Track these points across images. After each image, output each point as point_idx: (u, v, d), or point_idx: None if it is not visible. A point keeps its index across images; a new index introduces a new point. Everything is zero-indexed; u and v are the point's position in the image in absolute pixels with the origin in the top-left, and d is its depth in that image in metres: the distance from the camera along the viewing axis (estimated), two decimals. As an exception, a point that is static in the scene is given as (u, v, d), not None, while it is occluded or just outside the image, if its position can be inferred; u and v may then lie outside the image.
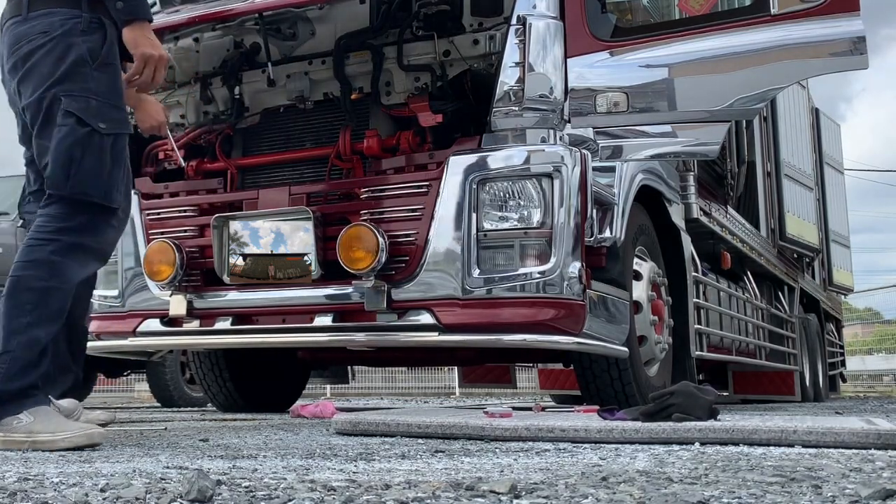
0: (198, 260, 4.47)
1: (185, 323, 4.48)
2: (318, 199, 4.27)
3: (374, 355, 5.44)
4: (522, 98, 3.89)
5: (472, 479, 1.68)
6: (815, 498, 1.45)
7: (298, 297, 4.21)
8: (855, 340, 24.58)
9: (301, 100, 4.44)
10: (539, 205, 3.77)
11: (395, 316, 3.96)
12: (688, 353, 5.03)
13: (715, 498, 1.45)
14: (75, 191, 2.61)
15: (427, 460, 2.15)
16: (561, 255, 3.72)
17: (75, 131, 2.61)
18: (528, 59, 3.90)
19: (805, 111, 9.71)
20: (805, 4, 3.74)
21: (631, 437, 2.65)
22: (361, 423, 3.09)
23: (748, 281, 7.41)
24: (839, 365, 12.15)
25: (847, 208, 12.38)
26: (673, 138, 4.06)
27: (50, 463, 2.10)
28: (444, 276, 3.85)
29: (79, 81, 2.64)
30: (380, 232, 3.91)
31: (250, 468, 1.94)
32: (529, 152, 3.84)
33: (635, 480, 1.68)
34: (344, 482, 1.65)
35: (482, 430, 2.82)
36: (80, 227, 2.64)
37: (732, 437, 2.55)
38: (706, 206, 5.72)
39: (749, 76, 3.82)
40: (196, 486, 1.44)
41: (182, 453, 2.37)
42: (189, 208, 4.53)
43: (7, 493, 1.50)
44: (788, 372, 8.49)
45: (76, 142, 2.61)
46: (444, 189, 3.90)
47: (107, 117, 2.66)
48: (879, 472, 1.83)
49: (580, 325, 3.77)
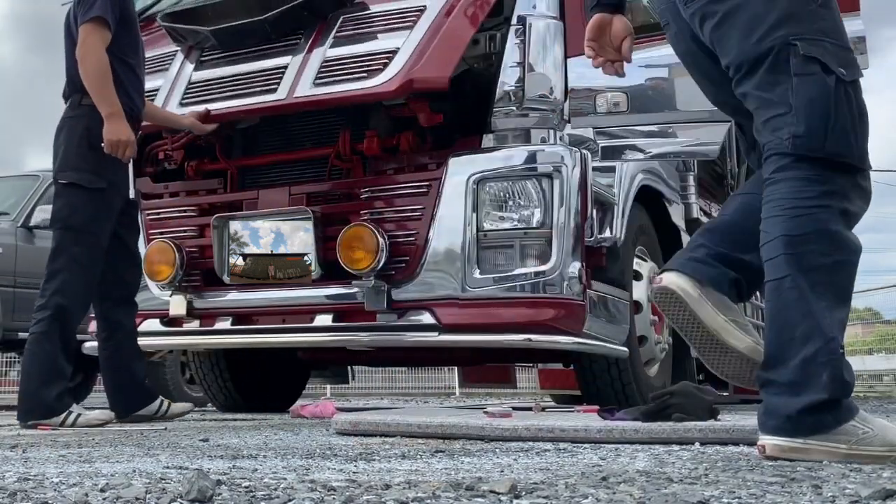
0: (198, 260, 4.47)
1: (185, 323, 4.48)
2: (318, 199, 4.27)
3: (374, 355, 5.44)
4: (522, 98, 3.89)
5: (472, 479, 1.68)
6: (815, 498, 1.45)
7: (298, 297, 4.22)
8: (855, 340, 24.57)
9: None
10: (539, 205, 3.77)
11: (395, 316, 3.96)
12: (688, 353, 5.03)
13: (715, 498, 1.45)
14: (832, 151, 2.16)
15: (427, 460, 2.15)
16: (561, 255, 3.72)
17: (822, 81, 2.18)
18: (528, 59, 3.90)
19: (805, 111, 9.69)
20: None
21: (631, 437, 2.64)
22: (361, 423, 3.09)
23: (748, 281, 7.40)
24: (839, 365, 12.12)
25: (847, 208, 12.34)
26: (673, 138, 4.06)
27: (50, 463, 2.10)
28: (444, 276, 3.85)
29: (809, 21, 2.21)
30: (380, 232, 3.91)
31: (250, 468, 1.94)
32: (529, 152, 3.84)
33: (635, 480, 1.68)
34: (344, 482, 1.65)
35: (482, 430, 2.81)
36: (841, 191, 2.19)
37: (732, 437, 2.55)
38: (706, 206, 5.72)
39: (749, 76, 3.81)
40: (196, 486, 1.43)
41: (182, 453, 2.37)
42: (189, 208, 4.53)
43: (7, 493, 1.50)
44: (788, 372, 8.47)
45: (825, 93, 2.16)
46: (445, 189, 3.90)
47: (844, 61, 2.21)
48: (879, 472, 1.83)
49: (580, 325, 3.77)
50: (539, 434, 2.73)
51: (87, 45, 3.66)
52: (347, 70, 4.04)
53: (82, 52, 3.67)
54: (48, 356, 3.66)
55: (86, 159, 3.73)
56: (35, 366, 3.67)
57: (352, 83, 4.00)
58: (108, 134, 3.65)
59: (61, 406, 3.63)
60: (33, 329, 3.72)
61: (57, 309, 3.67)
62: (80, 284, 3.74)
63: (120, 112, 3.68)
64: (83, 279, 3.75)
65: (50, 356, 3.66)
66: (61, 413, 3.62)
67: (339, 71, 4.06)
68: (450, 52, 3.90)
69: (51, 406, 3.62)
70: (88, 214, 3.74)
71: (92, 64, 3.65)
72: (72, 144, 3.77)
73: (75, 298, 3.72)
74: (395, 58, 3.92)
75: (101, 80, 3.66)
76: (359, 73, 4.00)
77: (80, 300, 3.76)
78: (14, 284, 6.86)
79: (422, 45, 3.91)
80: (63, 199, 3.78)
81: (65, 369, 3.69)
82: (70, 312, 3.70)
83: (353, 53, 4.08)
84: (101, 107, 3.66)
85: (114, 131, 3.65)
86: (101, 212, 3.78)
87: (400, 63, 3.90)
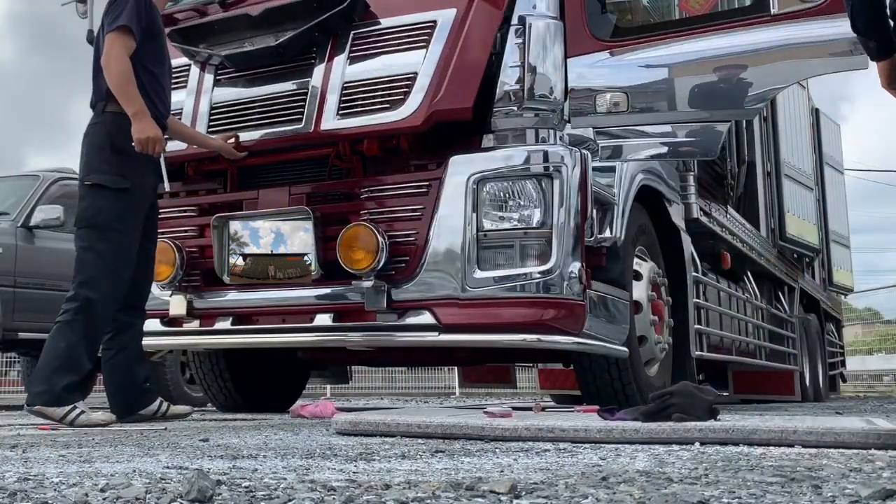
0: (198, 260, 4.47)
1: (185, 323, 4.48)
2: (318, 199, 4.27)
3: (374, 355, 5.44)
4: (522, 98, 3.89)
5: (472, 479, 1.68)
6: (815, 498, 1.45)
7: (298, 297, 4.22)
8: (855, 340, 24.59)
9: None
10: (539, 205, 3.77)
11: (395, 316, 3.96)
12: (688, 353, 5.03)
13: (715, 498, 1.45)
14: None
15: (427, 460, 2.15)
16: (561, 255, 3.72)
17: None
18: (529, 59, 3.90)
19: (805, 111, 9.71)
20: (805, 4, 3.74)
21: (631, 437, 2.64)
22: (361, 423, 3.09)
23: (748, 281, 7.41)
24: (839, 365, 12.14)
25: (847, 208, 12.37)
26: (673, 138, 4.06)
27: (50, 463, 2.10)
28: (444, 276, 3.85)
29: None
30: (380, 232, 3.91)
31: (250, 468, 1.94)
32: (529, 152, 3.84)
33: (635, 480, 1.68)
34: (344, 482, 1.65)
35: (482, 430, 2.81)
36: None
37: (732, 437, 2.55)
38: (706, 206, 5.72)
39: (749, 76, 3.82)
40: (196, 486, 1.43)
41: (182, 453, 2.37)
42: (189, 208, 4.53)
43: (7, 493, 1.50)
44: (788, 372, 8.49)
45: None
46: (445, 189, 3.90)
47: None
48: (879, 472, 1.83)
49: (580, 325, 3.77)
50: (539, 434, 2.73)
51: (112, 51, 3.76)
52: (369, 99, 4.08)
53: (106, 58, 3.78)
54: (68, 345, 3.70)
55: (109, 162, 3.82)
56: (51, 352, 3.72)
57: (375, 114, 4.04)
58: (136, 132, 3.73)
59: (68, 398, 3.65)
60: (58, 318, 3.79)
61: (84, 301, 3.73)
62: (108, 280, 3.79)
63: (145, 111, 3.77)
64: (110, 275, 3.80)
65: (70, 346, 3.70)
66: (66, 405, 3.63)
67: (360, 100, 4.10)
68: (469, 79, 3.92)
69: (58, 395, 3.64)
70: (113, 213, 3.81)
71: (115, 67, 3.75)
72: (95, 148, 3.86)
73: (102, 293, 3.77)
74: (415, 85, 3.96)
75: (124, 82, 3.75)
76: (381, 103, 4.04)
77: (107, 295, 3.80)
78: (14, 284, 6.85)
79: (439, 70, 3.94)
80: (88, 200, 3.86)
81: (81, 362, 3.72)
82: (96, 305, 3.75)
83: (371, 77, 4.10)
84: (126, 106, 3.75)
85: (141, 129, 3.73)
86: (126, 211, 3.84)
87: (421, 92, 3.94)
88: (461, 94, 3.92)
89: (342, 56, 4.18)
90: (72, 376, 3.68)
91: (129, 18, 3.76)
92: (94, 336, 3.77)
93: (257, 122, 4.36)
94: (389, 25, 4.14)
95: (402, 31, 4.10)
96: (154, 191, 4.04)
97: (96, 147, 3.85)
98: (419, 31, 4.05)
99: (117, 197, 3.80)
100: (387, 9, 4.18)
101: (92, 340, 3.76)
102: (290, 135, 4.25)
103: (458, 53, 3.95)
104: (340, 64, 4.17)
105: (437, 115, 3.94)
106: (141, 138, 3.72)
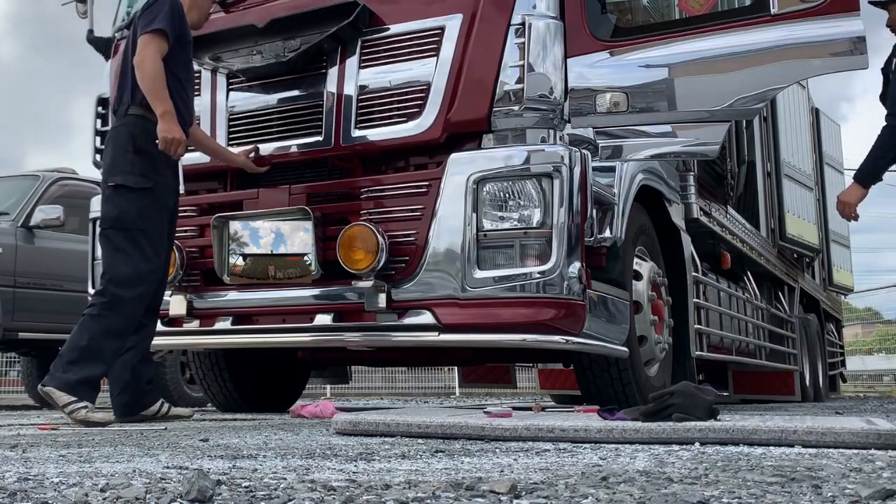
0: (198, 260, 4.47)
1: (185, 323, 4.48)
2: (318, 198, 4.27)
3: (374, 355, 5.44)
4: (522, 98, 3.89)
5: (472, 479, 1.68)
6: (815, 498, 1.45)
7: (298, 297, 4.22)
8: (855, 340, 24.60)
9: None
10: (539, 205, 3.77)
11: (394, 316, 3.96)
12: (688, 353, 5.03)
13: (715, 498, 1.45)
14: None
15: (427, 460, 2.15)
16: (561, 255, 3.72)
17: None
18: (528, 59, 3.90)
19: (805, 111, 9.71)
20: (805, 4, 3.74)
21: (631, 437, 2.64)
22: (361, 423, 3.09)
23: (748, 281, 7.41)
24: (839, 365, 12.15)
25: (847, 208, 12.34)
26: (673, 138, 4.06)
27: (50, 463, 2.10)
28: (443, 276, 3.85)
29: None
30: (380, 232, 3.91)
31: (250, 468, 1.94)
32: (529, 152, 3.83)
33: (635, 480, 1.68)
34: (344, 482, 1.65)
35: (482, 430, 2.82)
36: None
37: (732, 437, 2.55)
38: (706, 206, 5.72)
39: (749, 76, 3.81)
40: (196, 486, 1.44)
41: (182, 453, 2.37)
42: (189, 208, 4.53)
43: (7, 493, 1.50)
44: (788, 372, 8.49)
45: None
46: (445, 189, 3.90)
47: None
48: (879, 472, 1.83)
49: (580, 325, 3.77)
50: (539, 434, 2.73)
51: (147, 52, 3.82)
52: (385, 111, 4.11)
53: (139, 58, 3.83)
54: (91, 338, 3.73)
55: (132, 163, 3.86)
56: (74, 341, 3.76)
57: (393, 126, 4.08)
58: (161, 132, 3.77)
59: (78, 391, 3.65)
60: (85, 311, 3.84)
61: (113, 297, 3.78)
62: (134, 277, 3.82)
63: (173, 112, 3.81)
64: (136, 272, 3.83)
65: (92, 340, 3.73)
66: (74, 397, 3.63)
67: (376, 111, 4.13)
68: (482, 87, 3.94)
69: (70, 384, 3.66)
70: (136, 212, 3.85)
71: (148, 67, 3.80)
72: (118, 149, 3.91)
73: (131, 292, 3.81)
74: (430, 97, 3.99)
75: (156, 82, 3.80)
76: (398, 115, 4.08)
77: (136, 294, 3.83)
78: (14, 284, 6.85)
79: (452, 79, 3.96)
80: (112, 201, 3.90)
81: (100, 358, 3.74)
82: (125, 304, 3.79)
83: (384, 87, 4.13)
84: (156, 106, 3.80)
85: (168, 129, 3.77)
86: (150, 209, 3.88)
87: (436, 104, 3.97)
88: (476, 104, 3.95)
89: (353, 65, 4.20)
90: (89, 371, 3.71)
91: (166, 23, 3.83)
92: (118, 333, 3.81)
93: (277, 135, 4.40)
94: (397, 32, 4.15)
95: (410, 39, 4.11)
96: (176, 192, 4.07)
97: (120, 149, 3.90)
98: (428, 37, 4.05)
99: (140, 196, 3.86)
100: (392, 15, 4.19)
101: (116, 337, 3.80)
102: (312, 149, 4.29)
103: (469, 60, 3.96)
104: (352, 73, 4.19)
105: (454, 127, 3.98)
106: (167, 137, 3.76)
